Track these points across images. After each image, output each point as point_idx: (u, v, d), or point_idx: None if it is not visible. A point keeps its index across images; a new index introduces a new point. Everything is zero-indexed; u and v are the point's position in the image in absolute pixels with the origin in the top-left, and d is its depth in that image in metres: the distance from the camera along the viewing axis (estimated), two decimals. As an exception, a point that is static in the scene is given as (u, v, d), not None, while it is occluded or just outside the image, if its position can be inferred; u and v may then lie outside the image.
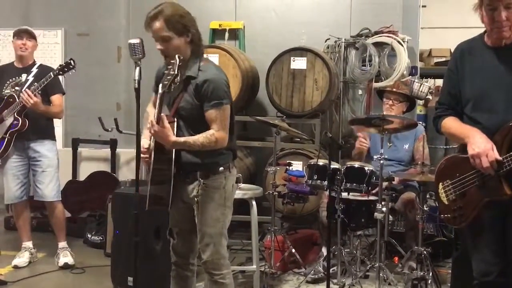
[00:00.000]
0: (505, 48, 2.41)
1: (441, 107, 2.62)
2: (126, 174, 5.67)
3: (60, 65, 4.02)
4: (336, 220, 3.83)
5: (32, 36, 4.33)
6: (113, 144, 5.63)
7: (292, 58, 4.80)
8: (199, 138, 2.60)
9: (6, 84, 4.30)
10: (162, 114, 2.55)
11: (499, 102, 2.40)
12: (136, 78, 2.79)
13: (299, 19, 5.52)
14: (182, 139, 2.60)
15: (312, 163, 3.99)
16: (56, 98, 4.29)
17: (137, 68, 2.81)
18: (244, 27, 5.57)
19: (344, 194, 3.87)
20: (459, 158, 2.50)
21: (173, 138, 2.56)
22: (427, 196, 5.71)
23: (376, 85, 5.06)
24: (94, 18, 6.03)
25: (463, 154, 2.46)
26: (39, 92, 4.06)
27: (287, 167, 4.28)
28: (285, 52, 4.83)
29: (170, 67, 2.55)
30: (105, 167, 5.67)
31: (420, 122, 5.45)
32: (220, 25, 5.53)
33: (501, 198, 2.35)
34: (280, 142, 4.91)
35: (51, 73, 4.00)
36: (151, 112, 2.84)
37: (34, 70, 4.31)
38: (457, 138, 2.52)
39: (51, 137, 4.39)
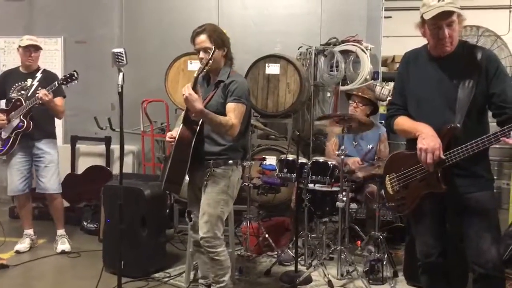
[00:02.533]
0: (445, 58, 2.47)
1: (393, 107, 2.66)
2: (119, 168, 5.69)
3: (64, 76, 4.08)
4: (304, 208, 3.90)
5: (38, 48, 4.35)
6: (107, 141, 5.66)
7: (267, 64, 4.85)
8: (220, 117, 2.79)
9: (13, 88, 4.32)
10: (198, 85, 2.75)
11: (439, 106, 2.46)
12: (120, 83, 2.84)
13: (275, 29, 5.56)
14: (207, 110, 2.78)
15: (282, 158, 4.05)
16: (58, 100, 4.31)
17: (121, 74, 2.86)
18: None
19: (311, 186, 3.94)
20: (405, 154, 2.57)
21: (201, 106, 2.75)
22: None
23: (342, 88, 5.12)
24: (91, 27, 6.03)
25: (409, 151, 2.53)
26: (50, 91, 4.12)
27: (262, 161, 4.34)
28: (260, 58, 4.88)
29: (203, 58, 2.83)
30: (101, 162, 5.69)
31: (383, 122, 5.52)
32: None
33: (438, 191, 2.42)
34: (256, 139, 4.97)
35: (56, 82, 4.06)
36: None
37: (39, 75, 4.34)
38: (409, 133, 2.52)
39: (53, 136, 4.42)
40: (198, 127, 2.88)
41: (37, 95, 4.07)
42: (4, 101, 4.41)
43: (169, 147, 2.97)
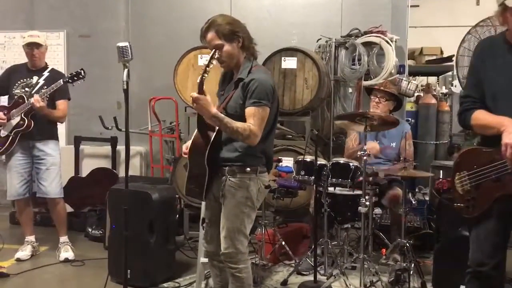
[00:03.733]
0: None
1: (468, 100, 2.57)
2: (126, 170, 5.74)
3: (70, 74, 4.13)
4: (323, 214, 3.89)
5: (41, 45, 4.38)
6: (113, 141, 5.71)
7: (283, 58, 4.84)
8: (237, 123, 2.68)
9: (17, 84, 4.38)
10: (204, 87, 2.63)
11: None
12: (125, 79, 2.85)
13: (292, 20, 5.57)
14: (221, 115, 2.69)
15: (299, 159, 4.05)
16: (61, 103, 4.36)
17: (126, 70, 2.88)
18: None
19: (331, 189, 3.93)
20: (479, 151, 2.51)
21: (214, 110, 2.65)
22: (416, 190, 5.82)
23: (365, 83, 5.09)
24: (95, 20, 6.10)
25: (486, 148, 2.47)
26: (47, 96, 4.18)
27: (277, 163, 4.32)
28: (276, 52, 4.87)
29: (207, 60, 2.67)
30: (106, 164, 5.75)
31: (409, 119, 5.50)
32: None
33: None
34: (272, 139, 4.96)
35: (61, 80, 4.11)
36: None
37: (46, 73, 4.39)
38: (490, 129, 2.43)
39: (55, 137, 4.47)
40: (215, 133, 2.81)
41: (30, 101, 4.15)
42: (7, 97, 4.46)
43: (161, 159, 2.95)
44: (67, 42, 6.16)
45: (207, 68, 2.60)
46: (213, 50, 2.64)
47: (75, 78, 4.09)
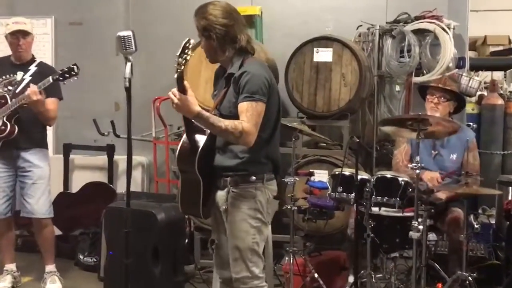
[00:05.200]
0: None
1: None
2: (125, 184, 5.75)
3: (61, 70, 4.13)
4: (366, 240, 3.86)
5: (27, 34, 4.42)
6: (110, 150, 5.76)
7: (315, 49, 4.84)
8: (226, 121, 2.77)
9: None
10: (185, 82, 2.76)
11: None
12: (127, 76, 2.90)
13: (326, 3, 5.57)
14: (206, 113, 2.79)
15: (336, 172, 4.04)
16: (51, 102, 4.38)
17: (128, 64, 2.92)
18: (261, 13, 5.63)
19: (375, 209, 3.89)
20: None
21: (198, 108, 2.76)
22: (479, 211, 5.75)
23: (416, 79, 5.06)
24: (89, 5, 6.17)
25: None
26: (42, 88, 4.17)
27: (309, 177, 4.32)
28: (307, 42, 4.87)
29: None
30: (101, 177, 5.79)
31: (471, 124, 5.44)
32: (233, 11, 5.59)
33: None
34: (301, 147, 4.97)
35: (50, 77, 4.13)
36: None
37: (33, 68, 4.45)
38: None
39: (44, 145, 4.52)
40: (205, 137, 2.91)
41: (25, 92, 4.16)
42: None
43: (167, 171, 3.04)
44: (55, 31, 6.24)
45: (179, 60, 2.75)
46: (187, 39, 2.78)
47: (67, 75, 4.10)
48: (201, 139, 2.91)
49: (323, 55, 4.83)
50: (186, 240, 4.77)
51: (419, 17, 5.20)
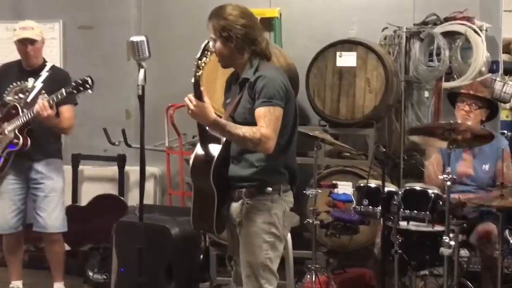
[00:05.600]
0: None
1: None
2: (136, 197, 5.78)
3: (75, 82, 4.10)
4: (393, 256, 3.85)
5: (35, 40, 4.39)
6: (121, 161, 5.80)
7: (338, 53, 4.84)
8: (243, 127, 2.79)
9: (8, 89, 4.44)
10: (202, 88, 2.79)
11: None
12: (140, 83, 2.92)
13: (349, 4, 5.58)
14: (223, 120, 2.82)
15: (361, 184, 4.04)
16: (66, 110, 4.36)
17: (142, 71, 2.95)
18: (280, 15, 5.64)
19: (403, 224, 3.89)
20: None
21: (214, 115, 2.78)
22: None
23: (446, 85, 5.05)
24: (99, 7, 6.23)
25: None
26: (55, 101, 4.14)
27: (332, 189, 4.33)
28: (329, 46, 4.88)
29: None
30: (112, 189, 5.83)
31: (505, 132, 5.40)
32: (250, 14, 5.62)
33: None
34: (324, 158, 4.96)
35: (63, 90, 4.10)
36: None
37: (44, 74, 4.44)
38: None
39: (57, 155, 4.53)
40: (221, 146, 2.93)
41: (35, 107, 4.14)
42: None
43: (181, 183, 3.05)
44: (63, 35, 6.28)
45: (199, 62, 2.76)
46: (205, 42, 2.82)
47: (81, 88, 4.06)
48: (216, 148, 2.93)
49: (346, 59, 4.84)
50: (201, 256, 4.78)
51: (449, 18, 5.18)
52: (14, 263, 4.61)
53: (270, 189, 2.92)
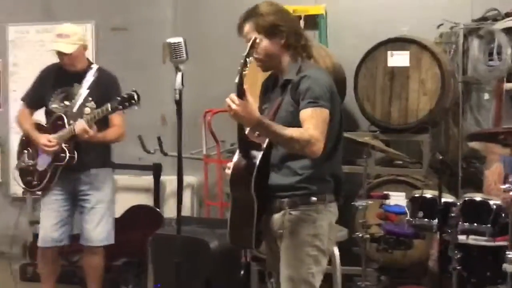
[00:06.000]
0: None
1: None
2: (173, 208, 5.82)
3: (121, 97, 4.08)
4: (451, 273, 3.80)
5: (70, 49, 4.31)
6: (156, 170, 5.85)
7: (389, 52, 4.84)
8: (289, 128, 2.76)
9: (54, 95, 4.43)
10: (245, 86, 2.73)
11: None
12: (178, 87, 2.95)
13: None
14: (268, 121, 2.78)
15: (416, 195, 4.01)
16: (115, 118, 4.37)
17: (179, 74, 2.97)
18: (326, 12, 5.65)
19: (462, 238, 3.84)
20: None
21: (259, 115, 2.74)
22: None
23: (508, 86, 5.01)
24: (133, 8, 6.34)
25: None
26: (95, 120, 4.15)
27: (383, 200, 4.31)
28: (380, 44, 4.88)
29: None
30: (147, 200, 5.89)
31: None
32: (294, 11, 5.61)
33: None
34: (374, 166, 4.95)
35: (109, 105, 4.09)
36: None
37: (89, 78, 4.41)
38: None
39: (106, 164, 4.55)
40: (262, 152, 2.90)
41: (76, 123, 4.16)
42: (44, 110, 4.50)
43: (220, 193, 3.02)
44: (95, 37, 6.41)
45: (247, 60, 2.70)
46: (253, 38, 2.77)
47: (126, 103, 4.06)
48: (256, 156, 2.92)
49: (398, 59, 4.83)
50: (242, 272, 4.77)
51: (510, 13, 5.13)
52: (48, 279, 4.59)
53: (315, 198, 2.90)
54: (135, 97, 4.05)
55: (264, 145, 2.89)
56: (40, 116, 4.59)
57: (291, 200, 2.90)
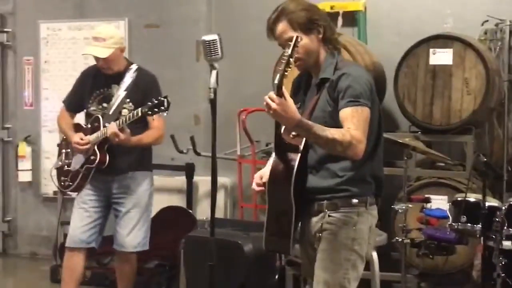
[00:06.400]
0: None
1: None
2: (206, 210, 5.86)
3: (150, 102, 4.07)
4: (495, 280, 3.77)
5: (105, 54, 4.31)
6: (189, 170, 5.89)
7: (432, 50, 4.81)
8: (330, 129, 2.73)
9: (92, 97, 4.47)
10: (284, 89, 2.70)
11: None
12: (212, 86, 2.95)
13: (444, -6, 5.51)
14: (308, 121, 2.75)
15: (459, 198, 3.99)
16: (154, 119, 4.33)
17: (214, 73, 2.97)
18: (365, 8, 5.62)
19: (507, 244, 3.80)
20: None
21: (299, 115, 2.72)
22: None
23: (558, 85, 4.93)
24: (167, 5, 6.36)
25: None
26: (127, 123, 4.15)
27: (424, 204, 4.28)
28: (421, 41, 4.85)
29: (284, 51, 2.72)
30: (179, 201, 5.93)
31: None
32: (332, 7, 5.61)
33: None
34: (415, 168, 4.93)
35: (139, 110, 4.10)
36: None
37: (128, 79, 4.41)
38: None
39: (144, 167, 4.53)
40: (300, 154, 2.87)
41: (108, 126, 4.18)
42: (84, 113, 4.56)
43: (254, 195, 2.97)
44: (128, 35, 6.42)
45: (291, 60, 2.66)
46: (295, 36, 2.72)
47: (155, 109, 4.06)
48: (294, 158, 2.90)
49: (441, 57, 4.80)
50: (277, 276, 4.77)
51: (559, 9, 5.07)
52: (70, 282, 4.55)
53: (356, 200, 2.87)
54: (165, 103, 4.04)
55: (301, 147, 2.86)
56: (82, 118, 4.64)
57: (331, 202, 2.87)
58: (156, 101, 4.05)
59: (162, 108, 4.04)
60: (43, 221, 6.73)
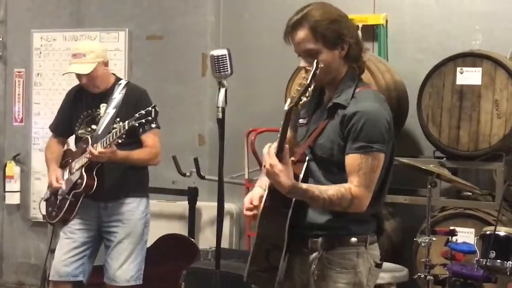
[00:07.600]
0: None
1: None
2: (210, 238, 5.85)
3: (137, 115, 4.01)
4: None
5: (86, 70, 4.27)
6: (192, 195, 5.87)
7: (459, 68, 4.81)
8: (329, 189, 2.68)
9: (80, 120, 4.45)
10: (286, 145, 2.64)
11: None
12: (221, 105, 2.92)
13: (472, 9, 5.51)
14: (304, 185, 2.70)
15: (488, 232, 3.99)
16: (147, 138, 4.32)
17: (222, 91, 2.95)
18: (386, 21, 5.64)
19: (541, 283, 3.78)
20: None
21: (292, 181, 2.65)
22: None
23: None
24: (170, 15, 6.38)
25: None
26: (114, 140, 4.07)
27: (449, 237, 4.26)
28: (448, 59, 4.85)
29: (304, 75, 2.65)
30: (181, 229, 5.92)
31: None
32: (351, 21, 5.62)
33: None
34: (439, 197, 4.90)
35: (126, 123, 4.03)
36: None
37: (117, 96, 4.37)
38: None
39: (138, 192, 4.47)
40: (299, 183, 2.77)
41: (89, 147, 4.14)
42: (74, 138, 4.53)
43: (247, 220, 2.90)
44: (129, 46, 6.47)
45: (309, 89, 2.56)
46: (315, 61, 2.63)
47: (143, 120, 3.99)
48: (289, 199, 2.83)
49: (469, 76, 4.80)
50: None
51: None
52: None
53: (355, 239, 2.80)
54: (153, 113, 4.01)
55: (301, 175, 2.78)
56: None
57: (326, 240, 2.80)
58: (143, 112, 4.00)
59: (150, 118, 4.00)
60: (31, 247, 6.71)
